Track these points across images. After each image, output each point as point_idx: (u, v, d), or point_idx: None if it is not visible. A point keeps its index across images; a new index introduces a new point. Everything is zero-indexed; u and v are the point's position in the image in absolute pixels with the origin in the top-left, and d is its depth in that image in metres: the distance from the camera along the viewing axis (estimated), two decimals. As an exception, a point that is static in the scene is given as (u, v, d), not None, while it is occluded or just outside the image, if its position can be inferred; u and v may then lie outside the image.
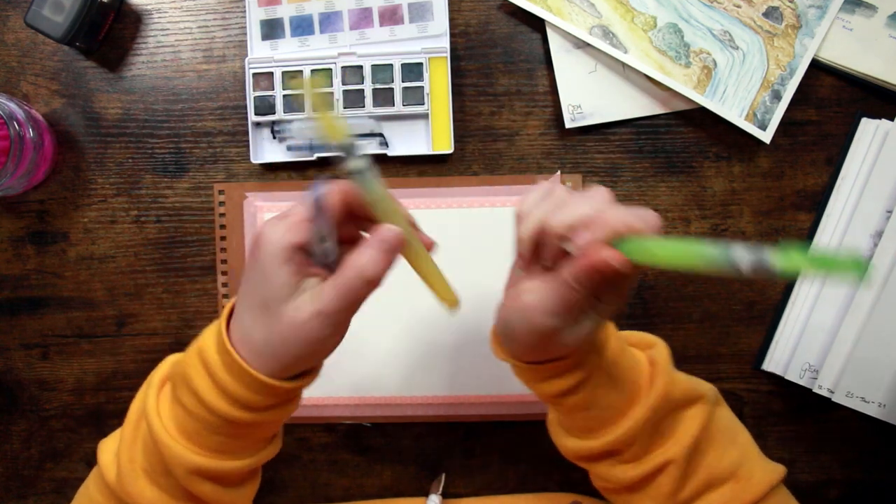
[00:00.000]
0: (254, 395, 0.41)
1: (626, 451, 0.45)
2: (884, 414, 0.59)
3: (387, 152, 0.63)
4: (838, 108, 0.62)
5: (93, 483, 0.49)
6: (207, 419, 0.42)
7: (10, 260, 0.65)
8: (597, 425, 0.45)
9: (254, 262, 0.40)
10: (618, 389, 0.44)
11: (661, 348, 0.47)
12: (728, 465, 0.46)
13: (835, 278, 0.37)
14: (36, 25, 0.59)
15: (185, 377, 0.43)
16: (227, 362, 0.41)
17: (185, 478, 0.43)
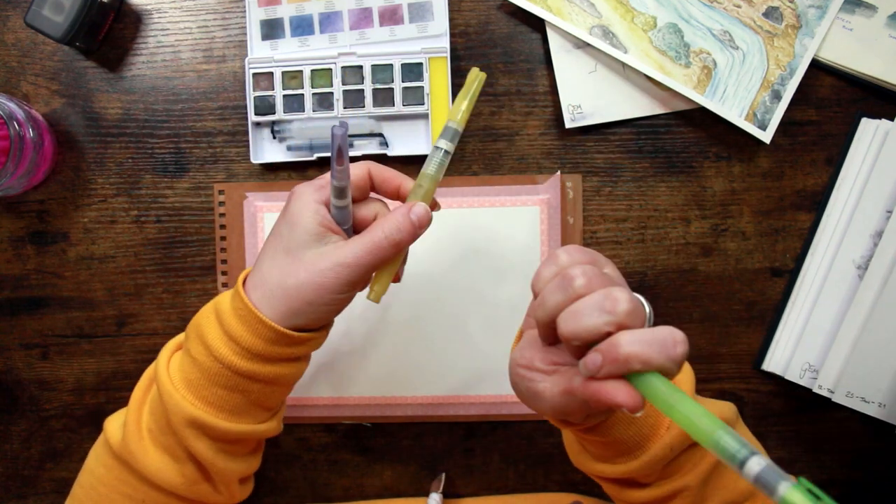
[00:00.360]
0: (258, 340, 0.42)
1: (644, 478, 0.44)
2: (884, 414, 0.59)
3: (387, 152, 0.63)
4: (838, 108, 0.62)
5: (94, 458, 0.49)
6: (211, 368, 0.43)
7: (10, 260, 0.65)
8: (613, 455, 0.44)
9: (283, 214, 0.44)
10: (637, 424, 0.43)
11: (686, 377, 0.46)
12: (746, 486, 0.45)
13: None
14: (36, 25, 0.59)
15: (197, 326, 0.45)
16: (237, 307, 0.43)
17: (183, 430, 0.44)
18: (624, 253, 0.63)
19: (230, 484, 0.48)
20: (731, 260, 0.63)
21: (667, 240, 0.63)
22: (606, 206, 0.63)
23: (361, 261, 0.42)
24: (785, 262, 0.63)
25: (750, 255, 0.63)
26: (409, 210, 0.43)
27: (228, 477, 0.47)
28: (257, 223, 0.63)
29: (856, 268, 0.61)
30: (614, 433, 0.42)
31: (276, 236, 0.44)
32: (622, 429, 0.43)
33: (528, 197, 0.62)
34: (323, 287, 0.42)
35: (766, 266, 0.63)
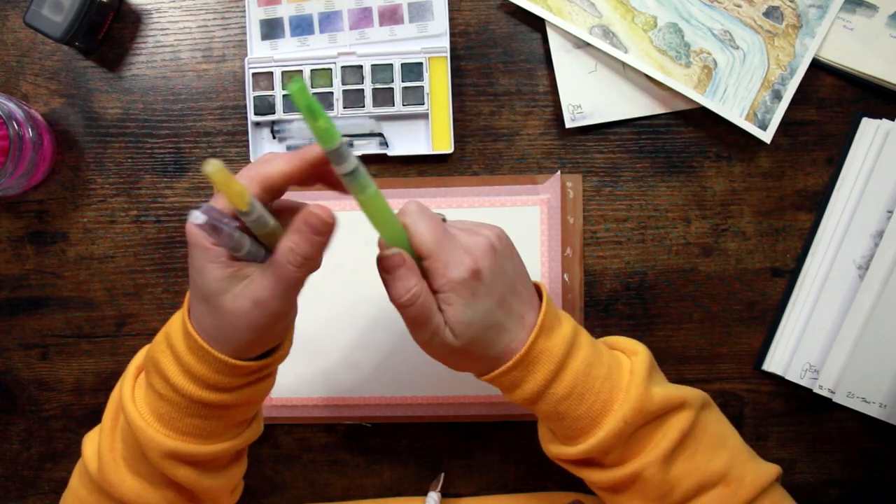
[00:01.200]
0: (219, 375, 0.41)
1: (604, 458, 0.46)
2: (884, 414, 0.59)
3: (387, 152, 0.63)
4: (839, 108, 0.62)
5: (77, 478, 0.49)
6: (178, 402, 0.42)
7: (9, 260, 0.65)
8: (573, 434, 0.46)
9: (189, 258, 0.40)
10: (588, 401, 0.44)
11: (641, 357, 0.47)
12: (718, 468, 0.46)
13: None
14: (35, 25, 0.59)
15: (155, 361, 0.43)
16: (190, 345, 0.41)
17: (160, 462, 0.43)
18: (624, 253, 0.63)
19: (219, 498, 0.48)
20: (732, 260, 0.63)
21: (667, 240, 0.63)
22: (607, 206, 0.63)
23: (274, 293, 0.39)
24: (785, 262, 0.63)
25: (750, 255, 0.63)
26: (303, 221, 0.38)
27: (217, 493, 0.47)
28: (257, 223, 0.63)
29: (856, 268, 0.61)
30: (567, 409, 0.44)
31: (193, 283, 0.41)
32: (574, 405, 0.44)
33: (528, 197, 0.62)
34: (254, 326, 0.40)
35: (767, 266, 0.63)
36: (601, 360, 0.45)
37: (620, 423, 0.44)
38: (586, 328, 0.63)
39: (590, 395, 0.44)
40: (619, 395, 0.45)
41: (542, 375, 0.44)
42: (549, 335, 0.44)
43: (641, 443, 0.45)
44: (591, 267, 0.63)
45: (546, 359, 0.44)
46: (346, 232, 0.64)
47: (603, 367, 0.45)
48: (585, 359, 0.45)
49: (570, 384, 0.44)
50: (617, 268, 0.63)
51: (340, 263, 0.63)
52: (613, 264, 0.63)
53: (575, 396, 0.44)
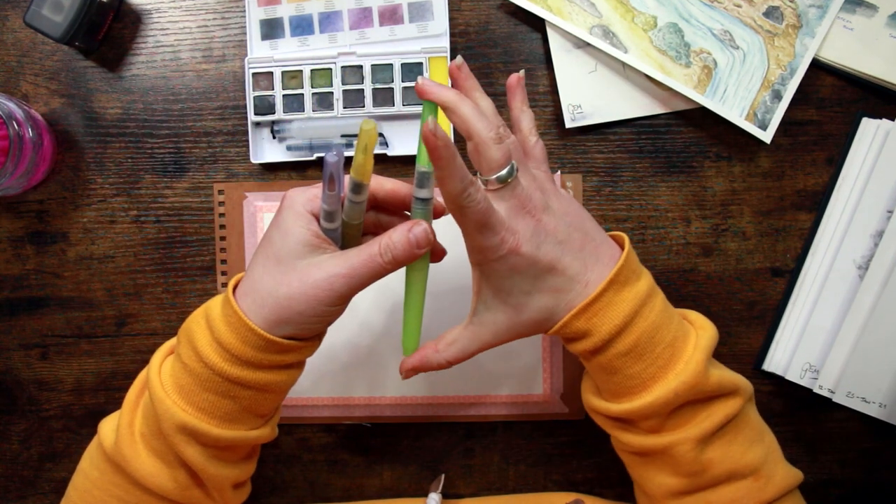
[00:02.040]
0: (247, 348, 0.42)
1: (642, 423, 0.45)
2: (884, 414, 0.59)
3: (387, 152, 0.63)
4: (839, 108, 0.62)
5: (87, 461, 0.50)
6: (202, 373, 0.43)
7: (9, 260, 0.65)
8: (620, 391, 0.46)
9: (276, 221, 0.44)
10: (645, 362, 0.44)
11: (708, 334, 0.47)
12: (752, 461, 0.46)
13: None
14: (35, 25, 0.59)
15: (188, 332, 0.44)
16: (227, 314, 0.43)
17: (173, 435, 0.44)
18: (624, 253, 0.63)
19: (223, 490, 0.48)
20: (732, 260, 0.63)
21: (667, 240, 0.63)
22: (607, 206, 0.63)
23: (356, 272, 0.42)
24: (785, 262, 0.63)
25: (750, 255, 0.63)
26: (408, 229, 0.43)
27: (220, 483, 0.47)
28: (257, 223, 0.63)
29: (856, 268, 0.61)
30: (623, 366, 0.44)
31: (268, 243, 0.44)
32: (630, 363, 0.44)
33: (528, 197, 0.62)
34: (315, 298, 0.41)
35: (767, 266, 0.63)
36: (669, 327, 0.45)
37: (671, 394, 0.43)
38: (586, 328, 0.63)
39: (648, 357, 0.44)
40: (677, 365, 0.45)
41: (608, 330, 0.43)
42: (621, 289, 0.44)
43: (683, 417, 0.45)
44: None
45: (614, 312, 0.44)
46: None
47: (669, 333, 0.45)
48: (654, 322, 0.45)
49: (633, 342, 0.44)
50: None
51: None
52: (613, 264, 0.63)
53: (634, 355, 0.44)
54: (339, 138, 0.63)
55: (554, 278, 0.44)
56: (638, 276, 0.46)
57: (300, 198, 0.44)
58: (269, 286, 0.42)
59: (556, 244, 0.44)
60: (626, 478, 0.53)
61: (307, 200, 0.44)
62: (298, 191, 0.44)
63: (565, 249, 0.44)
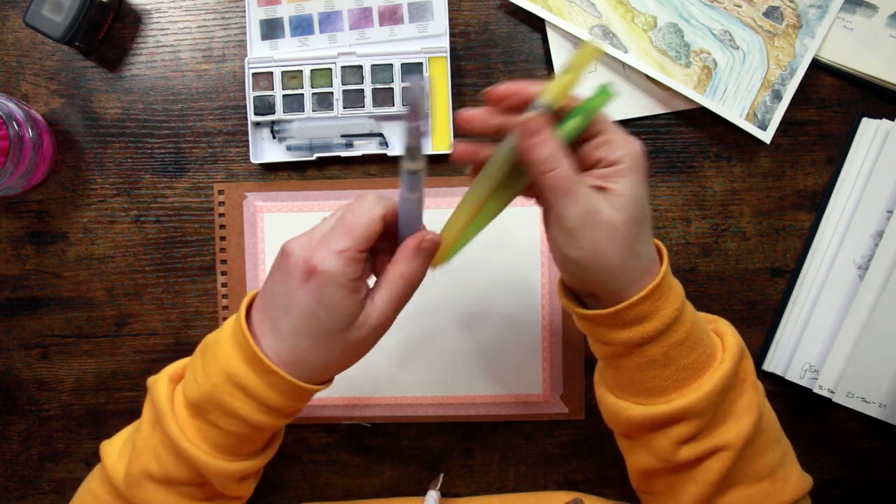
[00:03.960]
0: (294, 402, 0.44)
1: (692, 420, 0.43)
2: (884, 414, 0.59)
3: (387, 152, 0.63)
4: (839, 108, 0.62)
5: (97, 481, 0.49)
6: (247, 434, 0.44)
7: (9, 260, 0.65)
8: (670, 386, 0.43)
9: (316, 294, 0.40)
10: (697, 351, 0.43)
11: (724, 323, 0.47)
12: (769, 463, 0.45)
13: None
14: (35, 25, 0.59)
15: (221, 404, 0.43)
16: (271, 382, 0.42)
17: (229, 485, 0.45)
18: (624, 253, 0.63)
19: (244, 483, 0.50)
20: (732, 260, 0.63)
21: (667, 240, 0.63)
22: (606, 206, 0.63)
23: (390, 314, 0.43)
24: (785, 262, 0.63)
25: (750, 255, 0.63)
26: (417, 244, 0.42)
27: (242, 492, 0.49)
28: (257, 223, 0.63)
29: (856, 268, 0.61)
30: (677, 355, 0.43)
31: (314, 319, 0.41)
32: (685, 352, 0.43)
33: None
34: (365, 351, 0.44)
35: (767, 266, 0.63)
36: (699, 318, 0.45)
37: (724, 379, 0.42)
38: (586, 328, 0.63)
39: (699, 344, 0.43)
40: (717, 352, 0.44)
41: (669, 313, 0.42)
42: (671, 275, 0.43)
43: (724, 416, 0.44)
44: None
45: (674, 296, 0.42)
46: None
47: (702, 321, 0.45)
48: (692, 308, 0.44)
49: (689, 329, 0.43)
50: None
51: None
52: (613, 264, 0.63)
53: (689, 343, 0.43)
54: (339, 138, 0.63)
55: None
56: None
57: (338, 267, 0.40)
58: (322, 356, 0.42)
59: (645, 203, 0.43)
60: (625, 478, 0.53)
61: (345, 266, 0.40)
62: (335, 258, 0.40)
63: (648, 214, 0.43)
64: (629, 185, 0.40)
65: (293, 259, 0.41)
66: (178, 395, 0.46)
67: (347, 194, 0.63)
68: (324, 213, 0.63)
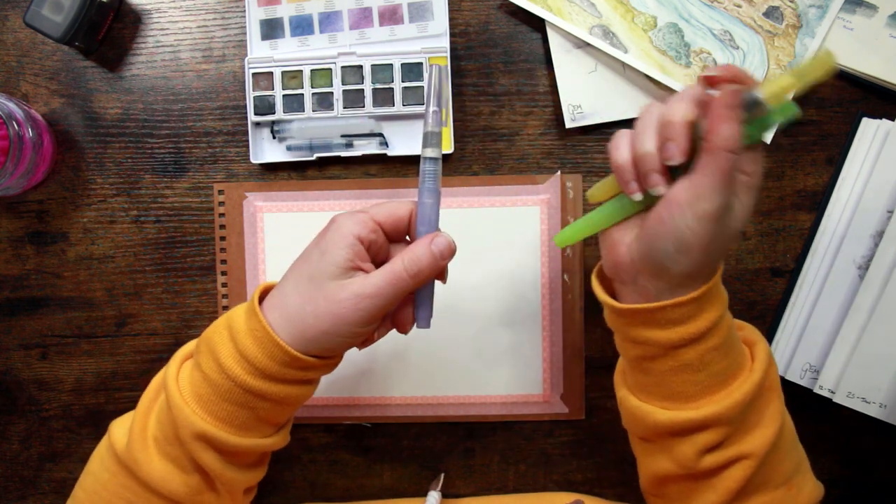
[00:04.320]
0: (271, 362, 0.43)
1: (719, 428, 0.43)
2: (884, 415, 0.59)
3: (387, 152, 0.63)
4: (839, 108, 0.62)
5: (97, 462, 0.49)
6: (222, 384, 0.43)
7: (9, 260, 0.65)
8: (700, 392, 0.43)
9: (318, 240, 0.44)
10: (730, 358, 0.43)
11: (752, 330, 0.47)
12: (786, 470, 0.45)
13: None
14: (35, 25, 0.59)
15: (209, 342, 0.44)
16: (252, 327, 0.43)
17: (191, 443, 0.44)
18: (624, 253, 0.63)
19: (235, 494, 0.48)
20: (732, 260, 0.63)
21: (667, 240, 0.63)
22: (607, 206, 0.63)
23: (381, 292, 0.42)
24: (785, 262, 0.63)
25: (750, 255, 0.63)
26: (429, 241, 0.44)
27: (235, 487, 0.47)
28: (257, 223, 0.63)
29: (856, 268, 0.61)
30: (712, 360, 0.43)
31: (306, 260, 0.44)
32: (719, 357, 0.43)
33: (528, 197, 0.62)
34: (340, 318, 0.42)
35: (767, 266, 0.63)
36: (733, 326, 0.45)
37: (754, 387, 0.43)
38: (586, 329, 0.63)
39: (733, 352, 0.43)
40: (747, 360, 0.44)
41: (712, 317, 0.42)
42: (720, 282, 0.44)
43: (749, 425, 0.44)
44: (592, 267, 0.63)
45: (720, 301, 0.43)
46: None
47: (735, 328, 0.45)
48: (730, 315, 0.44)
49: (726, 334, 0.43)
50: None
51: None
52: (613, 264, 0.63)
53: (724, 348, 0.43)
54: (339, 138, 0.63)
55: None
56: None
57: (349, 220, 0.44)
58: (298, 303, 0.43)
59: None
60: (626, 478, 0.53)
61: (356, 223, 0.43)
62: (348, 214, 0.44)
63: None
64: (751, 199, 0.42)
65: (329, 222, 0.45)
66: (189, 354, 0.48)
67: (347, 194, 0.63)
68: (324, 213, 0.63)
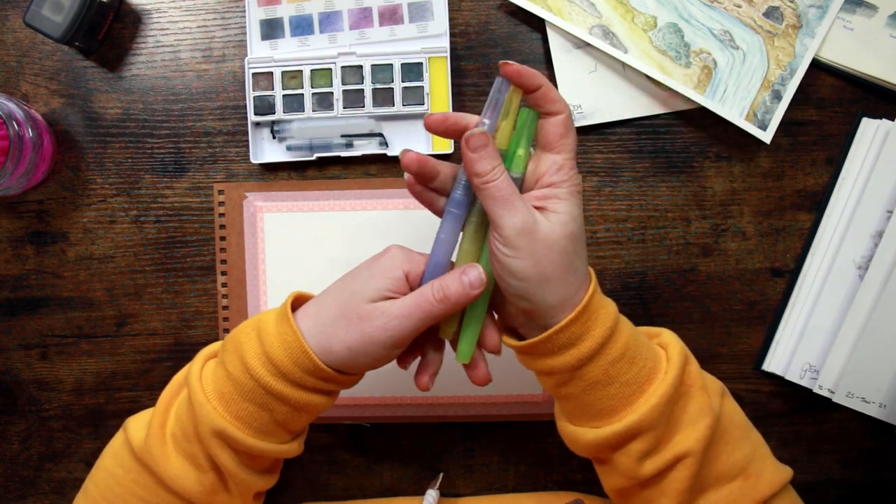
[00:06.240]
0: (295, 367, 0.44)
1: (647, 434, 0.43)
2: (884, 414, 0.59)
3: (387, 152, 0.63)
4: (839, 108, 0.62)
5: (110, 458, 0.49)
6: (245, 383, 0.44)
7: (9, 260, 0.65)
8: (618, 404, 0.44)
9: (371, 263, 0.46)
10: (638, 365, 0.43)
11: (668, 334, 0.47)
12: (739, 460, 0.45)
13: None
14: (35, 25, 0.59)
15: (236, 341, 0.45)
16: (282, 331, 0.44)
17: (209, 439, 0.45)
18: (624, 253, 0.63)
19: (247, 497, 0.49)
20: (732, 260, 0.63)
21: (667, 240, 0.63)
22: (607, 206, 0.63)
23: (408, 313, 0.43)
24: (785, 262, 0.63)
25: (750, 255, 0.63)
26: (461, 271, 0.44)
27: (247, 489, 0.48)
28: (257, 223, 0.63)
29: (856, 268, 0.61)
30: (618, 373, 0.43)
31: (353, 278, 0.46)
32: (625, 368, 0.43)
33: (528, 197, 0.62)
34: (368, 336, 0.43)
35: (767, 266, 0.63)
36: (638, 330, 0.45)
37: (670, 389, 0.43)
38: (586, 328, 0.63)
39: (639, 359, 0.44)
40: (661, 363, 0.45)
41: (601, 332, 0.43)
42: (601, 297, 0.44)
43: (678, 424, 0.44)
44: (592, 267, 0.63)
45: (604, 314, 0.43)
46: (353, 234, 0.64)
47: (642, 335, 0.45)
48: (629, 324, 0.45)
49: (624, 346, 0.43)
50: (617, 268, 0.63)
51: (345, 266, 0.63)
52: (613, 264, 0.63)
53: (627, 358, 0.43)
54: (339, 138, 0.63)
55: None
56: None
57: (402, 255, 0.45)
58: (333, 315, 0.44)
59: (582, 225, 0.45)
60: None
61: (408, 260, 0.45)
62: (403, 249, 0.46)
63: (582, 235, 0.45)
64: (567, 206, 0.43)
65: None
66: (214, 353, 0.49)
67: (347, 194, 0.63)
68: (324, 212, 0.63)
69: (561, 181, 0.43)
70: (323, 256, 0.63)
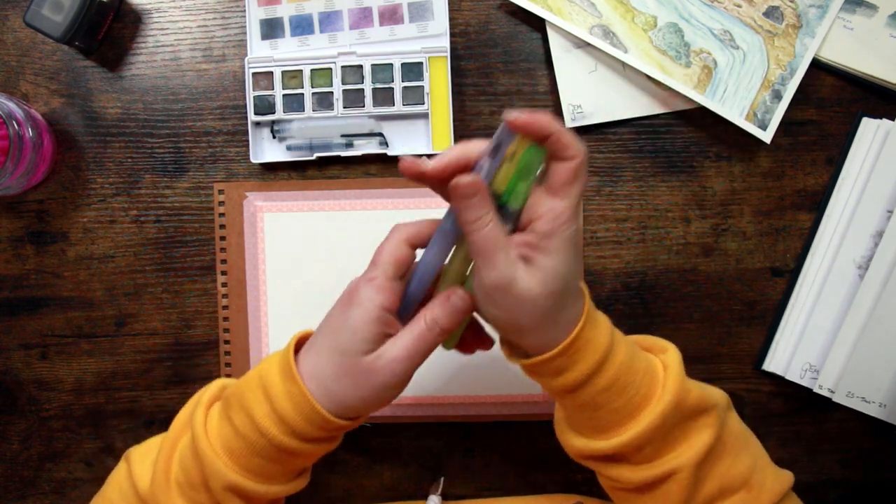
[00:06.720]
0: (307, 425, 0.44)
1: (636, 454, 0.45)
2: (884, 414, 0.59)
3: (387, 152, 0.63)
4: (839, 108, 0.62)
5: (116, 492, 0.50)
6: (256, 442, 0.44)
7: (9, 260, 0.65)
8: (607, 426, 0.45)
9: (343, 314, 0.44)
10: (628, 394, 0.44)
11: (673, 353, 0.47)
12: (740, 473, 0.45)
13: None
14: (35, 25, 0.59)
15: (241, 398, 0.45)
16: (290, 391, 0.44)
17: (220, 492, 0.45)
18: (624, 253, 0.63)
19: None
20: (732, 260, 0.63)
21: (667, 240, 0.63)
22: (607, 206, 0.63)
23: (409, 353, 0.43)
24: (785, 262, 0.63)
25: (750, 255, 0.63)
26: (446, 297, 0.44)
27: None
28: (257, 223, 0.63)
29: (856, 268, 0.61)
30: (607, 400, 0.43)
31: (334, 336, 0.44)
32: (613, 397, 0.44)
33: (528, 197, 0.62)
34: (379, 385, 0.43)
35: (767, 266, 0.63)
36: (639, 356, 0.45)
37: (659, 418, 0.43)
38: (586, 328, 0.63)
39: (630, 388, 0.44)
40: (656, 390, 0.44)
41: (587, 366, 0.43)
42: (594, 325, 0.44)
43: (675, 442, 0.45)
44: (591, 267, 0.63)
45: (592, 349, 0.43)
46: (354, 233, 0.64)
47: (642, 362, 0.45)
48: (627, 353, 0.44)
49: (614, 376, 0.43)
50: (617, 268, 0.63)
51: (345, 265, 0.63)
52: (613, 264, 0.63)
53: (616, 389, 0.43)
54: (339, 138, 0.63)
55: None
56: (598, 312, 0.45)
57: (369, 292, 0.43)
58: (334, 375, 0.44)
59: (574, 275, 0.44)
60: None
61: (377, 292, 0.43)
62: (366, 285, 0.44)
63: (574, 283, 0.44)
64: (554, 262, 0.41)
65: (347, 289, 0.45)
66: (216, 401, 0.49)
67: (347, 194, 0.63)
68: (324, 212, 0.63)
69: (554, 231, 0.41)
70: (323, 256, 0.63)
